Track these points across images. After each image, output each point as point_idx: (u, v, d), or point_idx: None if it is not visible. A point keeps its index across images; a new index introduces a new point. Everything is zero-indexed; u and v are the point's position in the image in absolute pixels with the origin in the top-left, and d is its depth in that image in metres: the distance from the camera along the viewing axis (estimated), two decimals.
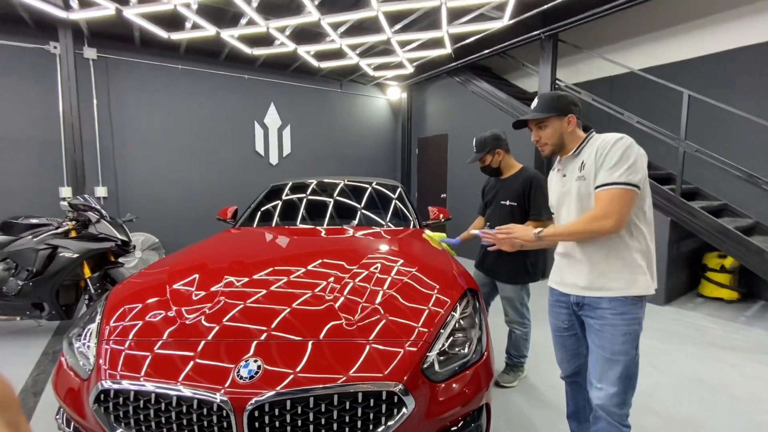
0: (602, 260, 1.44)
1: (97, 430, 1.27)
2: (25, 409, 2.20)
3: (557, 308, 1.64)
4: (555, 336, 1.70)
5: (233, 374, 1.23)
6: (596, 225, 1.36)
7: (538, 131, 1.58)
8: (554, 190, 1.65)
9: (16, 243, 3.02)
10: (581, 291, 1.49)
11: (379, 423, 1.23)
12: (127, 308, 1.57)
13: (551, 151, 1.58)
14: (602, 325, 1.43)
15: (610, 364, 1.42)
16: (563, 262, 1.59)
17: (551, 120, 1.54)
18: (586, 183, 1.45)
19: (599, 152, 1.41)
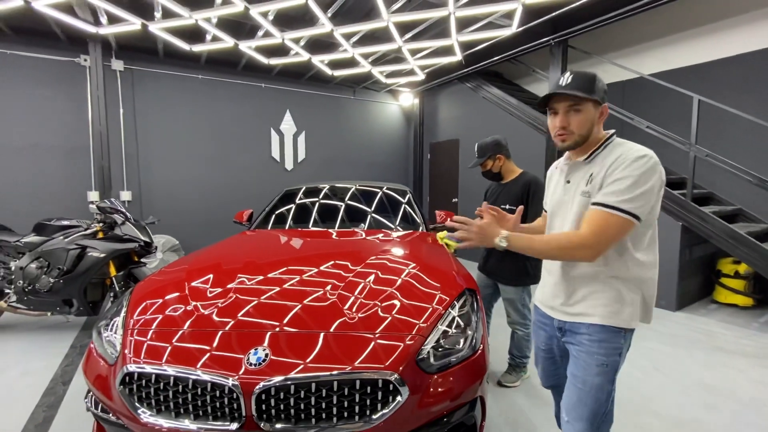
0: (584, 285, 1.30)
1: (122, 410, 1.40)
2: (54, 397, 2.38)
3: (538, 328, 1.56)
4: (536, 352, 1.65)
5: (244, 361, 1.35)
6: (573, 252, 1.20)
7: (567, 116, 1.26)
8: (553, 194, 1.44)
9: (49, 243, 3.24)
10: (561, 315, 1.37)
11: (375, 409, 1.33)
12: (149, 303, 1.72)
13: (574, 143, 1.28)
14: (578, 351, 1.31)
15: (580, 396, 1.28)
16: (547, 279, 1.46)
17: (587, 104, 1.24)
18: (588, 202, 1.25)
19: (614, 165, 1.20)
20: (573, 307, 1.33)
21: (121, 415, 1.41)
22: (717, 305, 4.29)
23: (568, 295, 1.34)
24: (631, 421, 2.18)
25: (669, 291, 4.07)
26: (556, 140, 1.31)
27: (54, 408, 2.26)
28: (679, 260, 4.02)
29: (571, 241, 1.20)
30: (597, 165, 1.26)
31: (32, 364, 2.81)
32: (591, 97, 1.22)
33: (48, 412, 2.22)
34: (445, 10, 3.97)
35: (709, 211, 3.86)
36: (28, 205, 4.96)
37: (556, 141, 1.31)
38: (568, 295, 1.34)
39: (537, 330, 1.56)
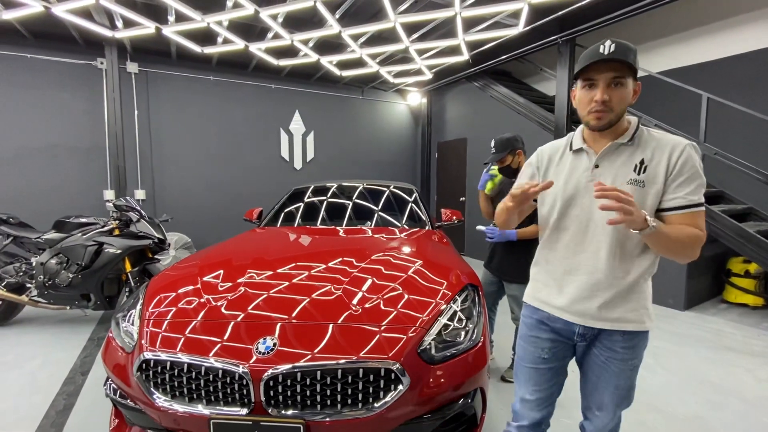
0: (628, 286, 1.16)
1: (139, 395, 1.49)
2: (74, 386, 2.49)
3: (540, 332, 1.31)
4: (525, 369, 1.34)
5: (253, 350, 1.42)
6: (694, 251, 1.08)
7: (610, 88, 1.08)
8: (569, 179, 1.21)
9: (68, 240, 3.36)
10: (592, 321, 1.19)
11: (378, 398, 1.39)
12: (164, 295, 1.80)
13: (609, 123, 1.11)
14: (609, 358, 1.21)
15: (613, 399, 1.25)
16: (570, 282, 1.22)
17: (629, 79, 1.09)
18: (644, 192, 1.09)
19: (674, 157, 1.08)
20: (612, 312, 1.17)
21: (138, 401, 1.50)
22: (727, 305, 4.25)
23: (608, 300, 1.17)
24: (635, 418, 2.20)
25: (677, 290, 4.05)
26: (589, 117, 1.12)
27: (74, 396, 2.36)
28: None
29: (699, 238, 1.06)
30: (644, 150, 1.11)
31: (53, 355, 2.93)
32: (633, 66, 1.07)
33: (68, 399, 2.33)
34: (451, 10, 4.00)
35: (719, 210, 3.83)
36: (48, 203, 5.14)
37: (590, 119, 1.12)
38: (608, 299, 1.17)
39: (535, 337, 1.32)
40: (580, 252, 1.21)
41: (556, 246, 1.27)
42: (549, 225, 1.29)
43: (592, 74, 1.10)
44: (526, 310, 1.39)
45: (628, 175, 1.12)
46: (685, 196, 1.07)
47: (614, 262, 1.16)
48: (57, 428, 2.06)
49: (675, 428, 2.10)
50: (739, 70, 4.43)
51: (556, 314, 1.26)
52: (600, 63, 1.06)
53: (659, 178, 1.09)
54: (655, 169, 1.10)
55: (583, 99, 1.14)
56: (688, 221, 1.07)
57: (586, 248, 1.20)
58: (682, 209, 1.08)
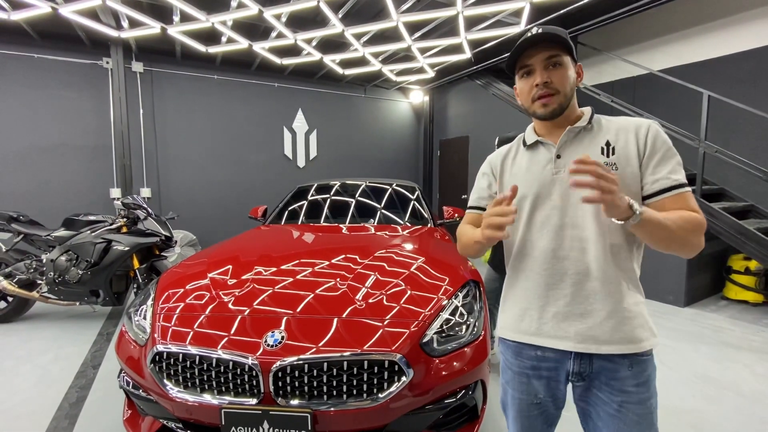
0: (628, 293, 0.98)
1: (152, 386, 1.55)
2: (86, 379, 2.56)
3: (529, 376, 1.07)
4: (516, 417, 1.11)
5: (262, 343, 1.47)
6: (699, 238, 0.91)
7: (548, 70, 0.98)
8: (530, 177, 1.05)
9: (77, 237, 3.43)
10: (596, 347, 0.96)
11: (382, 388, 1.44)
12: (174, 290, 1.86)
13: (559, 107, 0.99)
14: (623, 403, 0.96)
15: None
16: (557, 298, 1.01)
17: (567, 58, 0.99)
18: (619, 175, 0.94)
19: (641, 134, 0.96)
20: (617, 330, 0.96)
21: (152, 391, 1.56)
22: (727, 302, 4.29)
23: (609, 312, 0.96)
24: None
25: (677, 287, 4.09)
26: (535, 106, 1.02)
27: (86, 389, 2.43)
28: None
29: (699, 220, 0.90)
30: (607, 133, 1.00)
31: (64, 350, 3.00)
32: (568, 47, 0.98)
33: (81, 392, 2.40)
34: (453, 9, 4.03)
35: (719, 207, 3.86)
36: (55, 201, 5.22)
37: (536, 107, 1.02)
38: (611, 310, 0.96)
39: (528, 381, 1.07)
40: (562, 259, 1.00)
41: (530, 257, 1.05)
42: (516, 236, 1.08)
43: (525, 60, 1.01)
44: (508, 353, 1.12)
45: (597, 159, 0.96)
46: (668, 176, 0.94)
47: (608, 262, 0.97)
48: (71, 419, 2.12)
49: (672, 421, 2.15)
50: (740, 67, 4.44)
51: (544, 344, 1.02)
52: (531, 48, 0.98)
53: (632, 159, 0.96)
54: (624, 150, 0.97)
55: (523, 89, 1.04)
56: (681, 204, 0.92)
57: (569, 252, 0.99)
58: (670, 191, 0.93)
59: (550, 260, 1.01)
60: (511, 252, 1.11)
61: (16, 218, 3.65)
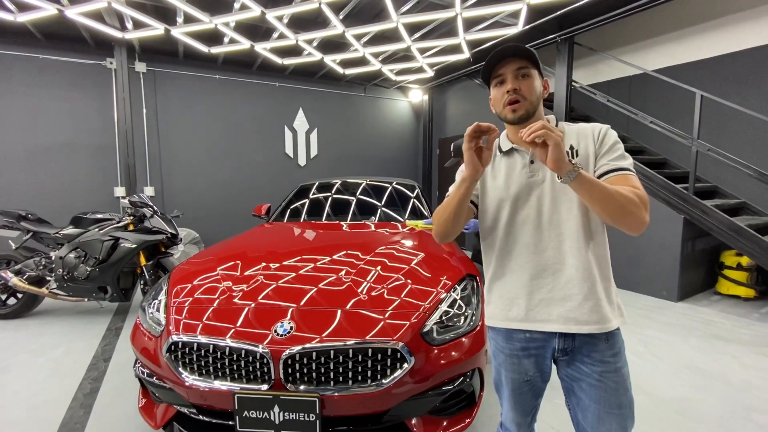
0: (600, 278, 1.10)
1: (168, 374, 1.64)
2: (98, 371, 2.66)
3: (519, 357, 1.18)
4: (509, 395, 1.24)
5: (272, 333, 1.57)
6: (638, 211, 0.99)
7: (518, 80, 1.11)
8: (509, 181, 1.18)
9: (86, 235, 3.52)
10: (577, 327, 1.09)
11: (385, 375, 1.54)
12: (187, 284, 1.95)
13: (526, 112, 1.12)
14: (603, 373, 1.09)
15: (618, 420, 1.10)
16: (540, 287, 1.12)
17: (534, 71, 1.13)
18: None
19: (596, 135, 1.12)
20: (595, 311, 1.08)
21: (167, 379, 1.65)
22: (719, 296, 4.39)
23: (586, 296, 1.08)
24: None
25: (671, 282, 4.19)
26: (506, 111, 1.14)
27: (98, 381, 2.53)
28: (681, 252, 4.12)
29: (636, 194, 0.99)
30: (570, 138, 1.14)
31: (74, 344, 3.09)
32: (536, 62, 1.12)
33: (93, 383, 2.49)
34: (452, 11, 4.12)
35: (712, 205, 3.96)
36: (60, 200, 5.30)
37: (506, 112, 1.14)
38: (586, 294, 1.08)
39: (516, 361, 1.19)
40: (542, 251, 1.12)
41: (513, 252, 1.16)
42: (499, 234, 1.19)
43: (498, 70, 1.14)
44: (498, 338, 1.23)
45: None
46: (610, 162, 1.08)
47: (582, 251, 1.08)
48: (86, 409, 2.22)
49: (661, 408, 2.25)
50: (733, 67, 4.53)
51: (533, 328, 1.14)
52: (503, 59, 1.12)
53: (590, 160, 1.11)
54: (585, 152, 1.12)
55: (496, 96, 1.17)
56: (623, 183, 1.03)
57: (547, 245, 1.12)
58: (610, 173, 1.06)
59: (532, 254, 1.14)
60: (493, 250, 1.22)
61: (24, 216, 3.74)
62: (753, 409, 2.25)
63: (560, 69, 5.13)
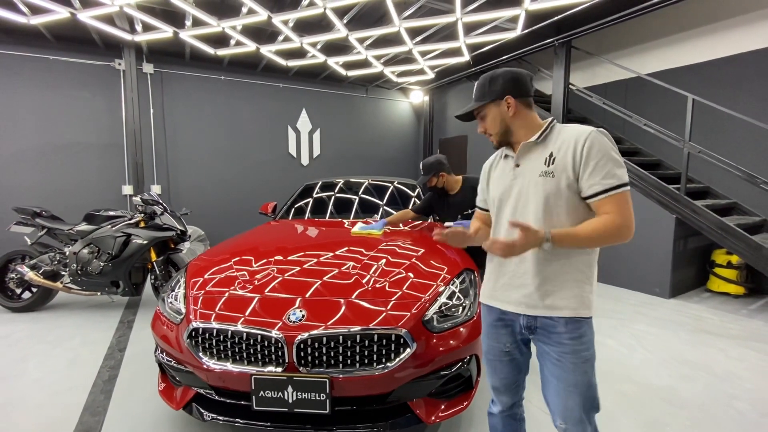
0: (554, 275, 1.24)
1: (188, 359, 1.77)
2: (114, 360, 2.79)
3: (498, 329, 1.38)
4: (491, 361, 1.43)
5: (286, 320, 1.70)
6: (619, 235, 1.15)
7: (481, 122, 1.37)
8: (498, 183, 1.38)
9: (98, 231, 3.66)
10: (529, 310, 1.27)
11: (389, 359, 1.67)
12: (204, 276, 2.09)
13: (498, 141, 1.36)
14: (561, 353, 1.23)
15: (573, 398, 1.23)
16: (504, 274, 1.34)
17: (487, 107, 1.33)
18: (555, 181, 1.21)
19: (578, 147, 1.18)
20: (544, 298, 1.24)
21: (188, 364, 1.78)
22: (710, 294, 4.53)
23: (536, 287, 1.25)
24: (612, 389, 2.48)
25: (663, 279, 4.33)
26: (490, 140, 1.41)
27: (116, 369, 2.67)
28: (672, 251, 4.26)
29: (614, 224, 1.14)
30: (552, 144, 1.25)
31: (90, 336, 3.23)
32: (482, 103, 1.32)
33: (111, 371, 2.63)
34: (452, 16, 4.25)
35: (703, 205, 4.09)
36: (70, 198, 5.43)
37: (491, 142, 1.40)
38: (536, 286, 1.25)
39: (497, 331, 1.39)
40: None
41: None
42: (492, 223, 1.43)
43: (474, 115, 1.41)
44: (484, 311, 1.45)
45: (540, 168, 1.25)
46: (601, 182, 1.16)
47: (539, 250, 1.22)
48: (106, 394, 2.35)
49: (648, 396, 2.39)
50: (725, 71, 4.67)
51: (504, 307, 1.34)
52: (471, 111, 1.39)
53: (568, 167, 1.20)
54: (563, 160, 1.21)
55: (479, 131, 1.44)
56: (609, 206, 1.15)
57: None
58: (601, 194, 1.16)
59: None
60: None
61: (39, 213, 3.87)
62: (735, 397, 2.39)
63: (558, 72, 5.27)
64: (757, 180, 3.99)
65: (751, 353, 3.00)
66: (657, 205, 4.37)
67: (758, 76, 4.38)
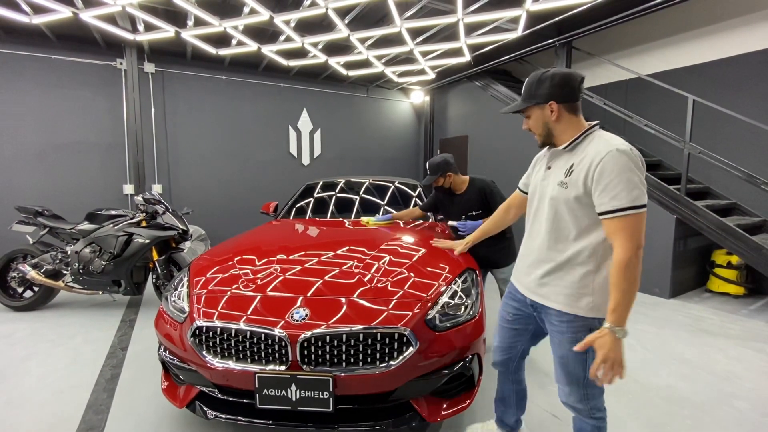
0: (550, 272, 1.42)
1: (192, 357, 1.78)
2: (116, 359, 2.80)
3: (508, 300, 1.69)
4: (499, 324, 1.75)
5: (289, 318, 1.71)
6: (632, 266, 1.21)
7: (526, 120, 1.47)
8: (536, 176, 1.55)
9: (100, 230, 3.66)
10: (530, 294, 1.51)
11: (392, 357, 1.68)
12: (206, 275, 2.10)
13: (541, 141, 1.46)
14: (552, 330, 1.47)
15: (565, 369, 1.44)
16: (522, 261, 1.59)
17: (532, 109, 1.42)
18: (567, 192, 1.32)
19: (593, 165, 1.24)
20: (542, 287, 1.46)
21: (192, 362, 1.79)
22: (710, 294, 4.54)
23: (536, 277, 1.48)
24: (613, 388, 2.45)
25: (663, 280, 4.34)
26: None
27: (118, 367, 2.67)
28: (673, 251, 4.27)
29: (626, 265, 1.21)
30: (577, 155, 1.32)
31: (92, 335, 3.24)
32: (528, 105, 1.41)
33: (114, 370, 2.64)
34: (454, 16, 4.26)
35: (703, 205, 4.11)
36: (71, 197, 5.44)
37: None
38: (535, 276, 1.48)
39: (507, 301, 1.69)
40: (532, 235, 1.53)
41: (526, 228, 1.60)
42: (527, 211, 1.63)
43: None
44: (509, 285, 1.74)
45: (560, 178, 1.36)
46: (609, 202, 1.22)
47: (549, 243, 1.42)
48: (109, 393, 2.36)
49: (649, 395, 2.40)
50: (727, 72, 4.68)
51: (517, 286, 1.62)
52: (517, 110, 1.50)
53: (579, 183, 1.28)
54: (578, 175, 1.29)
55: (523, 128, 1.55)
56: (614, 226, 1.22)
57: (533, 232, 1.53)
58: (607, 214, 1.23)
59: (529, 238, 1.57)
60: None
61: (41, 212, 3.88)
62: (734, 396, 2.40)
63: None
64: (757, 180, 4.00)
65: (751, 353, 3.01)
66: (657, 205, 4.38)
67: (759, 77, 4.39)
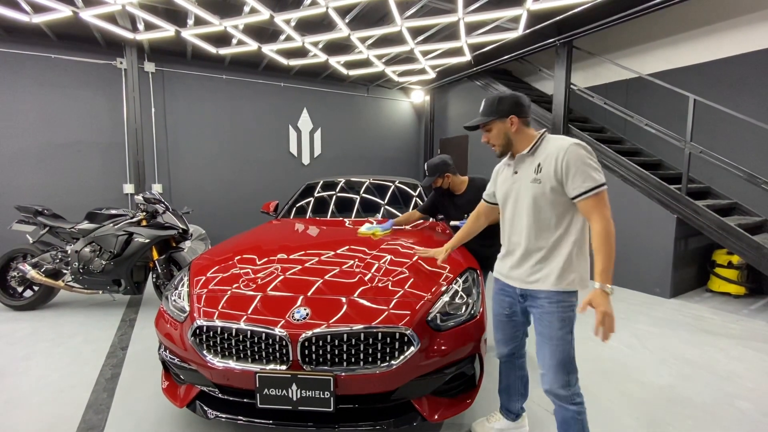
0: (540, 260, 1.59)
1: (193, 356, 1.78)
2: (116, 359, 2.80)
3: (501, 296, 1.79)
4: (496, 320, 1.85)
5: (290, 318, 1.71)
6: (609, 232, 1.45)
7: (486, 134, 1.69)
8: (502, 185, 1.74)
9: (101, 230, 3.66)
10: (523, 284, 1.65)
11: (393, 357, 1.68)
12: (207, 274, 2.09)
13: (500, 151, 1.69)
14: (541, 313, 1.59)
15: (550, 349, 1.56)
16: (507, 258, 1.74)
17: (493, 123, 1.64)
18: (542, 186, 1.55)
19: (559, 159, 1.49)
20: (531, 276, 1.62)
21: (192, 361, 1.79)
22: (711, 294, 4.54)
23: (527, 268, 1.63)
24: (615, 388, 2.49)
25: (663, 279, 4.34)
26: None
27: (118, 367, 2.67)
28: (673, 251, 4.27)
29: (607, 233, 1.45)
30: (540, 156, 1.57)
31: (92, 334, 3.23)
32: (491, 119, 1.63)
33: (114, 370, 2.63)
34: (454, 15, 4.25)
35: (704, 205, 4.10)
36: (71, 196, 5.44)
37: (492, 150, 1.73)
38: (527, 267, 1.63)
39: (500, 297, 1.80)
40: (514, 233, 1.70)
41: (503, 231, 1.78)
42: (500, 216, 1.81)
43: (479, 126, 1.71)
44: (495, 283, 1.85)
45: (531, 176, 1.59)
46: (581, 185, 1.47)
47: (535, 234, 1.60)
48: (109, 392, 2.36)
49: (650, 395, 2.40)
50: (727, 71, 4.67)
51: (507, 282, 1.74)
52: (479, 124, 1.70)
53: (551, 175, 1.53)
54: (547, 170, 1.54)
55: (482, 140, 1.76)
56: (590, 204, 1.47)
57: (515, 230, 1.69)
58: (583, 195, 1.47)
59: (509, 234, 1.74)
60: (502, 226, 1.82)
61: (41, 212, 3.87)
62: (736, 396, 2.39)
63: (559, 72, 5.27)
64: (758, 180, 4.00)
65: (752, 353, 3.01)
66: (658, 205, 4.37)
67: (759, 76, 4.38)
